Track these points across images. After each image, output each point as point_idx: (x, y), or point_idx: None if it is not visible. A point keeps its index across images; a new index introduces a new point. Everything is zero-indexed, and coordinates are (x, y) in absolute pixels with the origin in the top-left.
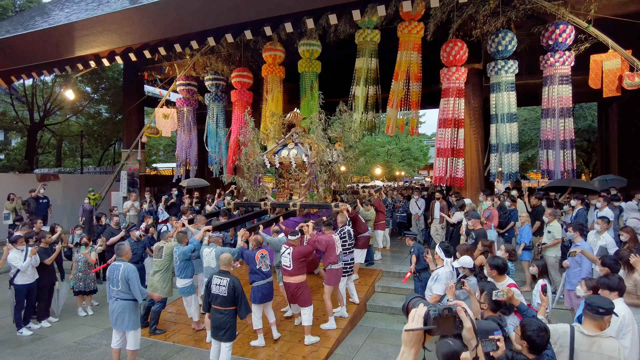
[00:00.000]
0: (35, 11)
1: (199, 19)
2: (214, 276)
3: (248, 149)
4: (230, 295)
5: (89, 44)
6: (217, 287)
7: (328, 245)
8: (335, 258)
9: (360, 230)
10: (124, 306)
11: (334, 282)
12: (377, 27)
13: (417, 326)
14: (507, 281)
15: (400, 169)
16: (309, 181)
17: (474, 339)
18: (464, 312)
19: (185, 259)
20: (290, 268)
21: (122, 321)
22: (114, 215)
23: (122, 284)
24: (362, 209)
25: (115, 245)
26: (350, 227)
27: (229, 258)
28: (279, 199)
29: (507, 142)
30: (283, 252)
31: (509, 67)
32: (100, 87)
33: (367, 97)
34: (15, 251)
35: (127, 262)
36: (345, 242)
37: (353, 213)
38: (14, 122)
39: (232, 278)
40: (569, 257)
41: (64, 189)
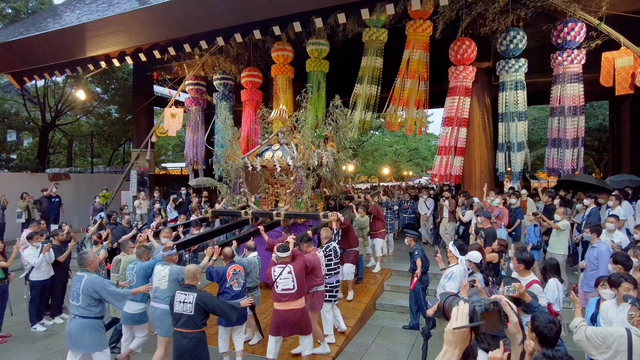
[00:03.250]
0: (47, 13)
1: (208, 18)
2: (177, 292)
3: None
4: (198, 314)
5: (100, 45)
6: (181, 305)
7: (314, 266)
8: (322, 279)
9: (353, 244)
10: (83, 325)
11: (320, 307)
12: (385, 26)
13: (463, 324)
14: (531, 277)
15: (408, 169)
16: (294, 187)
17: (519, 333)
18: (508, 305)
19: (144, 277)
20: (295, 290)
21: (82, 342)
22: (125, 213)
23: (84, 298)
24: (358, 216)
25: (78, 254)
26: (337, 243)
27: (196, 270)
28: (263, 207)
29: (514, 140)
30: (279, 274)
31: (518, 65)
32: (110, 88)
33: (371, 96)
34: (31, 248)
35: (92, 274)
36: (330, 260)
37: (346, 223)
38: (26, 122)
39: (200, 292)
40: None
41: (75, 189)
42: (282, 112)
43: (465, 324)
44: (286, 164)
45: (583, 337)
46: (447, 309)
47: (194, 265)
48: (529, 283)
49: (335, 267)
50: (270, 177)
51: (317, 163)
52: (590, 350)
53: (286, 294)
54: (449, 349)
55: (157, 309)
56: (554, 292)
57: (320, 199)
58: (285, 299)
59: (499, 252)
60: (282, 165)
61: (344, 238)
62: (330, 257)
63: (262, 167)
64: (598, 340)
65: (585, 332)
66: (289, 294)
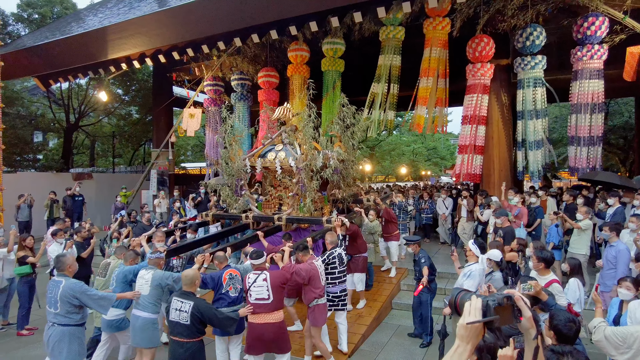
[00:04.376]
0: (71, 17)
1: (225, 19)
2: (174, 299)
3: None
4: (194, 323)
5: (121, 47)
6: (177, 313)
7: (311, 276)
8: (322, 291)
9: (362, 250)
10: (62, 333)
11: (322, 322)
12: (402, 24)
13: (476, 319)
14: (551, 276)
15: (426, 169)
16: (297, 190)
17: (533, 328)
18: (522, 300)
19: (124, 282)
20: (270, 300)
21: (60, 352)
22: (145, 212)
23: (62, 305)
24: (367, 220)
25: (55, 257)
26: (343, 249)
27: (195, 275)
28: (265, 210)
29: (532, 138)
30: (254, 281)
31: (535, 62)
32: (131, 89)
33: (387, 95)
34: (55, 244)
35: (71, 278)
36: (334, 268)
37: (353, 227)
38: (51, 124)
39: (197, 301)
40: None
41: (97, 188)
42: (286, 111)
43: (478, 318)
44: (288, 165)
45: (602, 337)
46: (459, 304)
47: (192, 269)
48: (548, 282)
49: (339, 276)
50: (273, 179)
51: (321, 164)
52: (610, 351)
53: (260, 305)
54: (462, 344)
55: (139, 318)
56: (575, 292)
57: (327, 202)
58: (260, 311)
59: (517, 252)
60: (285, 167)
61: (352, 244)
62: (335, 265)
63: (264, 168)
64: (618, 340)
65: (604, 332)
66: (264, 304)
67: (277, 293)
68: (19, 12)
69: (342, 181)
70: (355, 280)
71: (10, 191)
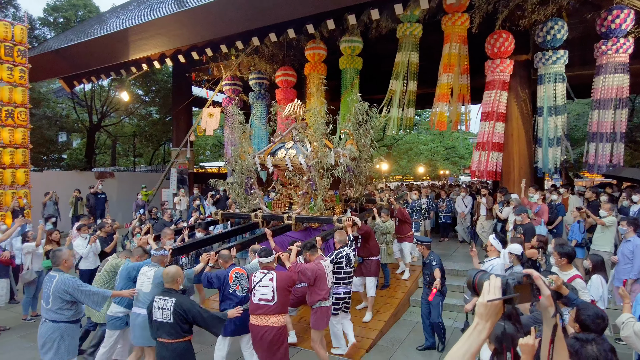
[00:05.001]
0: (95, 20)
1: (243, 19)
2: (156, 297)
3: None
4: (177, 321)
5: (142, 48)
6: (160, 312)
7: (316, 277)
8: (327, 293)
9: (374, 252)
10: (53, 329)
11: (324, 325)
12: (420, 20)
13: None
14: (573, 272)
15: (444, 168)
16: (307, 188)
17: (552, 306)
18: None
19: (127, 279)
20: (273, 302)
21: (49, 349)
22: (166, 208)
23: (54, 300)
24: (379, 220)
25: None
26: (352, 250)
27: (177, 272)
28: (275, 209)
29: (553, 135)
30: (260, 280)
31: (558, 57)
32: (151, 90)
33: (409, 92)
34: (80, 238)
35: (65, 273)
36: (340, 268)
37: (365, 228)
38: (75, 124)
39: (180, 298)
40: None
41: (119, 186)
42: (296, 107)
43: (498, 296)
44: (298, 163)
45: (631, 333)
46: (477, 284)
47: (174, 266)
48: (571, 278)
49: (345, 277)
50: (283, 177)
51: (332, 162)
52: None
53: (263, 306)
54: (481, 321)
55: (139, 316)
56: (598, 288)
57: (339, 201)
58: (261, 312)
59: (537, 249)
60: (295, 165)
61: (364, 246)
62: (341, 265)
63: (274, 166)
64: None
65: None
66: (266, 306)
67: (282, 296)
68: (45, 16)
69: (355, 180)
70: (367, 285)
71: (37, 189)
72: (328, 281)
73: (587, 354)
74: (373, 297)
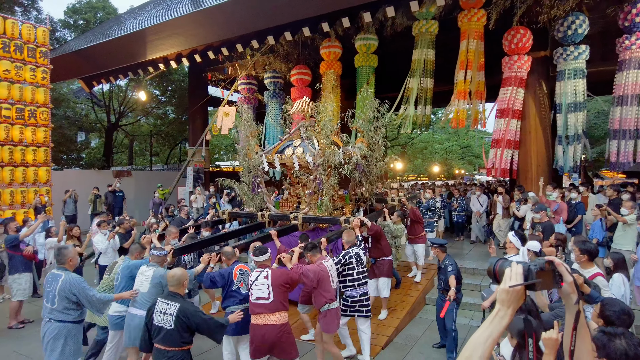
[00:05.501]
0: (113, 22)
1: (259, 18)
2: (159, 300)
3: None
4: (179, 329)
5: (159, 48)
6: (161, 316)
7: (319, 278)
8: (332, 294)
9: (386, 252)
10: (58, 330)
11: (335, 328)
12: (435, 17)
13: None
14: (594, 269)
15: (459, 167)
16: (314, 187)
17: (574, 293)
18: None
19: (128, 277)
20: (270, 300)
21: (54, 350)
22: (183, 206)
23: (60, 300)
24: (389, 221)
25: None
26: (361, 249)
27: (182, 275)
28: (283, 209)
29: (573, 132)
30: (255, 279)
31: (578, 52)
32: (167, 90)
33: (426, 90)
34: (100, 235)
35: (72, 273)
36: (352, 269)
37: (375, 228)
38: (94, 124)
39: (183, 303)
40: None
41: (136, 185)
42: (304, 105)
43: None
44: (306, 161)
45: None
46: (498, 271)
47: (180, 268)
48: (592, 275)
49: (358, 277)
50: (291, 176)
51: (340, 160)
52: None
53: (260, 305)
54: (502, 308)
55: (136, 317)
56: (619, 287)
57: (349, 201)
58: (260, 311)
59: (556, 247)
60: (302, 163)
61: (375, 246)
62: (352, 266)
63: (282, 165)
64: None
65: None
66: (264, 304)
67: (279, 293)
68: (66, 19)
69: (365, 179)
70: (380, 286)
71: (57, 187)
72: (332, 282)
73: (616, 347)
74: (387, 297)
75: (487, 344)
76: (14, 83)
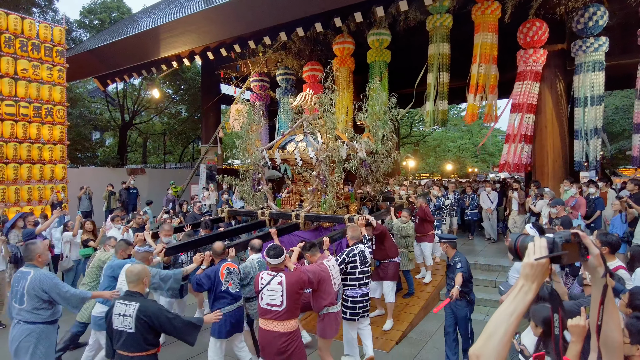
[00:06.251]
0: (127, 21)
1: (271, 13)
2: (117, 302)
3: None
4: (141, 331)
5: (172, 45)
6: (120, 319)
7: (320, 279)
8: (333, 297)
9: (391, 254)
10: (29, 331)
11: (333, 334)
12: (449, 11)
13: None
14: (616, 262)
15: (473, 165)
16: (317, 184)
17: (601, 266)
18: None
19: (111, 277)
20: (282, 308)
21: (25, 353)
22: (196, 201)
23: (29, 300)
24: (397, 220)
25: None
26: (367, 247)
27: (142, 271)
28: (285, 207)
29: (592, 126)
30: (267, 283)
31: (599, 44)
32: (180, 89)
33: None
34: (114, 229)
35: (41, 269)
36: (355, 268)
37: (379, 227)
38: (108, 122)
39: (144, 302)
40: None
41: (150, 182)
42: (307, 97)
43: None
44: (309, 157)
45: None
46: (519, 247)
47: (139, 264)
48: (614, 268)
49: (360, 277)
50: (294, 173)
51: (344, 156)
52: None
53: (270, 311)
54: (526, 283)
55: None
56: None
57: (355, 199)
58: (269, 316)
59: None
60: (304, 159)
61: (378, 247)
62: (355, 264)
63: (283, 160)
64: None
65: None
66: (274, 311)
67: (293, 300)
68: (81, 19)
69: (372, 176)
70: (385, 290)
71: (73, 185)
72: (334, 283)
73: None
74: (392, 303)
75: (512, 320)
76: (31, 82)
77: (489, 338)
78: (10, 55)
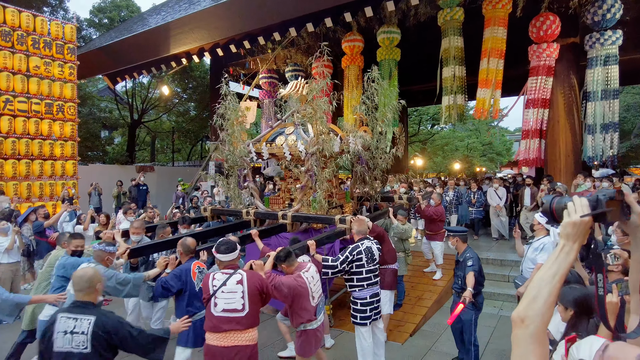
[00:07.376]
0: (136, 19)
1: (281, 8)
2: (60, 316)
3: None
4: (98, 350)
5: (181, 42)
6: (68, 338)
7: (295, 294)
8: (312, 313)
9: (389, 260)
10: None
11: (312, 352)
12: (460, 5)
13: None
14: None
15: (481, 165)
16: (306, 180)
17: None
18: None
19: (64, 278)
20: (244, 313)
21: None
22: (207, 196)
23: None
24: (397, 222)
25: None
26: (374, 243)
27: (93, 276)
28: (273, 206)
29: (606, 121)
30: (222, 284)
31: (615, 37)
32: (188, 87)
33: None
34: (126, 222)
35: None
36: (361, 267)
37: (376, 229)
38: (117, 120)
39: (101, 315)
40: None
41: (159, 180)
42: (298, 86)
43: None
44: (298, 151)
45: None
46: (555, 208)
47: (90, 267)
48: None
49: (368, 277)
50: (284, 169)
51: (337, 150)
52: None
53: (230, 319)
54: (567, 243)
55: None
56: None
57: (350, 199)
58: (227, 327)
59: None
60: (293, 153)
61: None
62: (361, 263)
63: (271, 155)
64: None
65: None
66: (235, 318)
67: (255, 303)
68: (91, 17)
69: (369, 174)
70: (382, 300)
71: (84, 181)
72: (312, 298)
73: None
74: (389, 314)
75: (555, 281)
76: (43, 79)
77: (533, 300)
78: (23, 53)
